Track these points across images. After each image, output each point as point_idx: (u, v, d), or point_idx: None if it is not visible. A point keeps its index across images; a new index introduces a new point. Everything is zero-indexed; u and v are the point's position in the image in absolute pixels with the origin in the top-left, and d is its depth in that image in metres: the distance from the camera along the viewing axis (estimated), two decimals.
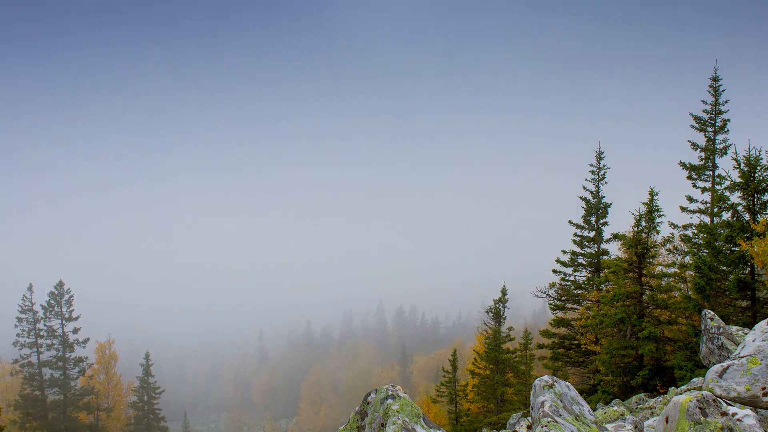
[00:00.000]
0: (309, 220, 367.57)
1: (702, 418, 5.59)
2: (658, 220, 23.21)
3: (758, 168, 18.45)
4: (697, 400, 5.74)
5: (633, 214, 23.05)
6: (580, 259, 29.84)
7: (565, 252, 29.99)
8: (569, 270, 30.09)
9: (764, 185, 18.31)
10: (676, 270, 24.15)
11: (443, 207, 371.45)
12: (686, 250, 24.95)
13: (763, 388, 7.06)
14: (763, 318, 17.52)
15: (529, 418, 8.45)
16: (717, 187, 25.36)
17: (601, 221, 29.54)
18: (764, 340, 7.78)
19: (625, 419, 12.04)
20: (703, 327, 14.59)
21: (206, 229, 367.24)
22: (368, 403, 7.86)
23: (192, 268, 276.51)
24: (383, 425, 7.46)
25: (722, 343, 14.10)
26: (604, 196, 29.72)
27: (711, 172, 26.08)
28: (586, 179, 29.85)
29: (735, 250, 18.85)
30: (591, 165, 29.76)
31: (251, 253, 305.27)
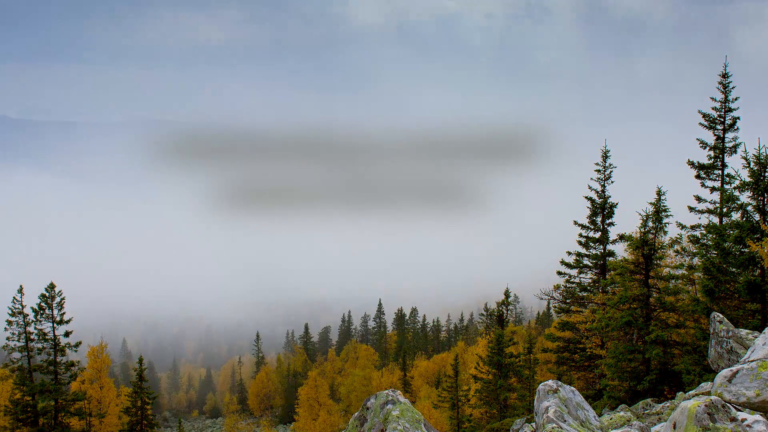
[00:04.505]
0: (307, 221, 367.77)
1: (710, 424, 5.59)
2: (665, 220, 22.92)
3: None
4: (706, 406, 5.72)
5: (640, 214, 22.72)
6: (586, 261, 29.43)
7: (569, 253, 29.57)
8: (574, 272, 29.71)
9: None
10: (684, 272, 23.75)
11: (443, 207, 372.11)
12: (694, 251, 24.52)
13: None
14: None
15: (533, 424, 7.96)
16: (726, 186, 24.91)
17: (607, 222, 29.11)
18: None
19: (631, 425, 11.50)
20: (711, 330, 14.07)
21: (202, 231, 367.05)
22: (368, 409, 7.41)
23: (188, 270, 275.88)
24: (383, 431, 6.98)
25: (731, 347, 13.54)
26: (610, 196, 29.31)
27: (720, 171, 25.70)
28: (591, 178, 29.54)
29: (745, 252, 18.57)
30: (596, 164, 29.39)
31: (249, 254, 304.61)
